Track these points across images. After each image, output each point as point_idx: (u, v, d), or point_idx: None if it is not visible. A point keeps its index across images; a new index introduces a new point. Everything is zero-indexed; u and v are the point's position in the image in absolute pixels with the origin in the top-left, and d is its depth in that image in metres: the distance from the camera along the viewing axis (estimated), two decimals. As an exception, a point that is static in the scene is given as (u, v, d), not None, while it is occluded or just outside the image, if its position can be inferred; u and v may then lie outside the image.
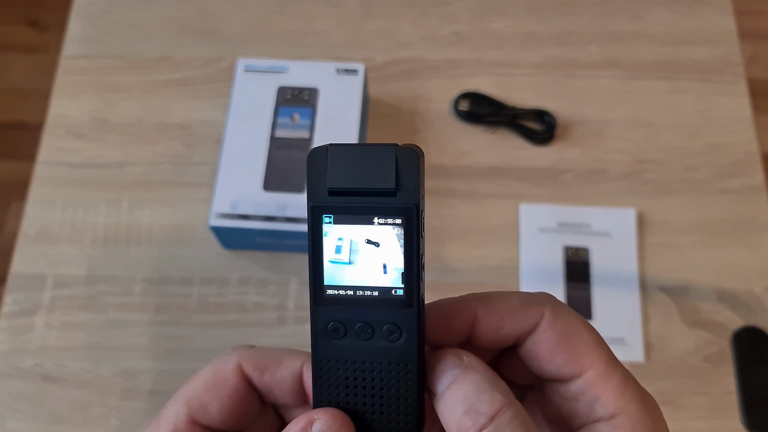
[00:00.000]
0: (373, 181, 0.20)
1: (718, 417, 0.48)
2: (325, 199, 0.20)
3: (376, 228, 0.20)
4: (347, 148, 0.20)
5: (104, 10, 0.61)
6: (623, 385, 0.20)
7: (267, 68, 0.53)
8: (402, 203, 0.20)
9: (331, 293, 0.20)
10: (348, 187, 0.20)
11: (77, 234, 0.53)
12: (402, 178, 0.20)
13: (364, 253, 0.20)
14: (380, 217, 0.20)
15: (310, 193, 0.20)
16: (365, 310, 0.20)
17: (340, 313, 0.20)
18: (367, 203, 0.20)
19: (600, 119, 0.57)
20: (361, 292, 0.20)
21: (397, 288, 0.20)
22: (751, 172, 0.55)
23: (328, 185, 0.20)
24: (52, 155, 0.56)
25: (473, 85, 0.58)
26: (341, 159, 0.20)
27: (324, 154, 0.20)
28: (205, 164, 0.55)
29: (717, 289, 0.51)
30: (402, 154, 0.20)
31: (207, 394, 0.21)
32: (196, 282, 0.51)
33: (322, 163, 0.20)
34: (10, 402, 0.48)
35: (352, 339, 0.20)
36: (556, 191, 0.54)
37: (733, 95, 0.57)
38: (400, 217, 0.20)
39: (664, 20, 0.60)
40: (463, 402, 0.19)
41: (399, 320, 0.20)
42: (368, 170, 0.20)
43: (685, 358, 0.49)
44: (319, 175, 0.20)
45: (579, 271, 0.51)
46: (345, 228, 0.20)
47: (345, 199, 0.20)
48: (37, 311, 0.51)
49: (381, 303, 0.20)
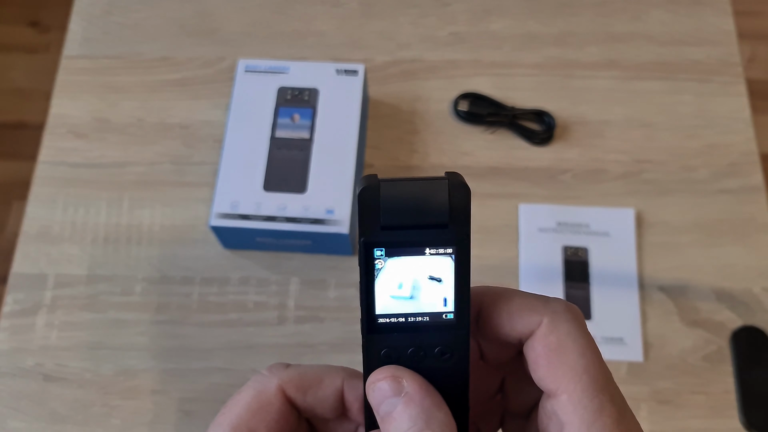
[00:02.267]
0: (427, 214, 0.20)
1: (716, 416, 0.48)
2: (379, 234, 0.20)
3: (428, 258, 0.20)
4: (399, 183, 0.20)
5: (105, 10, 0.61)
6: (594, 419, 0.19)
7: (267, 69, 0.53)
8: (454, 234, 0.20)
9: (383, 322, 0.21)
10: (402, 223, 0.20)
11: (78, 234, 0.53)
12: (453, 210, 0.20)
13: (425, 288, 0.21)
14: (433, 248, 0.20)
15: (363, 229, 0.20)
16: (417, 335, 0.21)
17: (392, 340, 0.21)
18: (421, 236, 0.20)
19: (599, 119, 0.57)
20: (412, 319, 0.21)
21: (447, 312, 0.21)
22: (749, 172, 0.55)
23: (381, 221, 0.20)
24: (53, 155, 0.56)
25: (472, 85, 0.58)
26: (394, 194, 0.20)
27: (376, 190, 0.20)
28: (205, 164, 0.55)
29: (716, 289, 0.51)
30: (453, 187, 0.20)
31: (253, 420, 0.21)
32: (196, 281, 0.51)
33: (374, 199, 0.20)
34: (11, 401, 0.48)
35: (404, 363, 0.21)
36: (555, 191, 0.54)
37: (731, 95, 0.58)
38: (452, 246, 0.20)
39: (663, 21, 0.61)
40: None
41: (450, 342, 0.21)
42: (421, 204, 0.20)
43: (684, 358, 0.49)
44: (372, 211, 0.20)
45: (578, 271, 0.51)
46: (397, 261, 0.20)
47: (398, 233, 0.20)
48: (38, 311, 0.51)
49: (432, 327, 0.21)
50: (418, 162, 0.55)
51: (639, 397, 0.48)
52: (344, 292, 0.51)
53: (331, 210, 0.48)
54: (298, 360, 0.49)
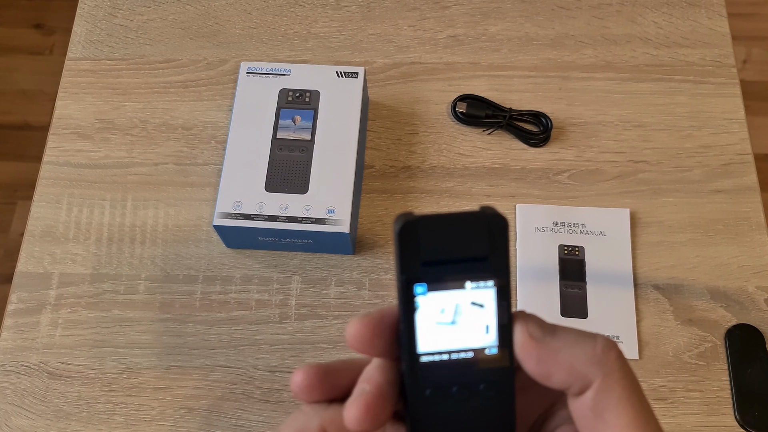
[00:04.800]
0: (467, 249, 0.20)
1: (711, 413, 0.48)
2: (420, 270, 0.20)
3: (470, 293, 0.20)
4: (438, 219, 0.20)
5: (108, 13, 0.62)
6: None
7: (269, 71, 0.54)
8: (495, 267, 0.20)
9: (426, 360, 0.21)
10: (443, 259, 0.20)
11: (82, 233, 0.54)
12: (492, 242, 0.20)
13: (467, 314, 0.20)
14: (474, 281, 0.20)
15: (404, 266, 0.20)
16: (461, 372, 0.21)
17: (436, 379, 0.21)
18: (462, 270, 0.20)
19: (595, 121, 0.58)
20: (456, 355, 0.21)
21: (491, 347, 0.21)
22: (743, 172, 0.56)
23: (422, 258, 0.20)
24: (58, 156, 0.57)
25: (471, 87, 0.59)
26: (433, 231, 0.20)
27: (415, 227, 0.20)
28: (208, 165, 0.56)
29: (710, 288, 0.52)
30: (492, 221, 0.20)
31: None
32: (199, 280, 0.52)
33: (414, 236, 0.20)
34: (16, 399, 0.49)
35: (450, 402, 0.21)
36: (551, 191, 0.55)
37: (726, 97, 0.58)
38: (493, 279, 0.20)
39: (658, 23, 0.61)
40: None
41: (495, 378, 0.21)
42: (461, 240, 0.20)
43: (679, 356, 0.50)
44: (412, 248, 0.20)
45: (574, 270, 0.51)
46: (438, 295, 0.20)
47: (438, 269, 0.20)
48: (42, 309, 0.51)
49: (476, 363, 0.21)
50: (417, 163, 0.56)
51: (635, 394, 0.49)
52: (345, 290, 0.52)
53: (332, 210, 0.49)
54: (300, 357, 0.50)
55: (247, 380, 0.49)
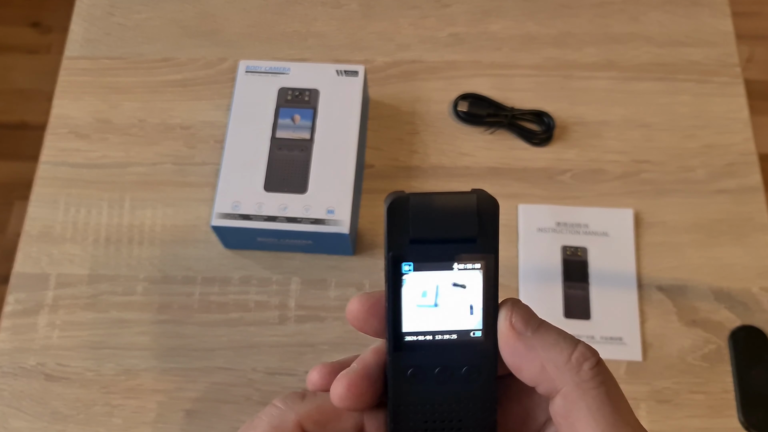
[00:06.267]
0: (456, 229, 0.20)
1: (715, 415, 0.48)
2: (408, 248, 0.20)
3: (457, 273, 0.20)
4: (428, 197, 0.20)
5: (106, 11, 0.62)
6: None
7: (268, 70, 0.53)
8: (483, 248, 0.20)
9: (410, 339, 0.20)
10: (432, 236, 0.20)
11: (80, 234, 0.53)
12: (482, 224, 0.20)
13: (449, 296, 0.20)
14: (461, 262, 0.20)
15: (391, 243, 0.20)
16: (444, 354, 0.21)
17: (419, 359, 0.21)
18: (450, 250, 0.20)
19: (598, 120, 0.57)
20: (440, 337, 0.20)
21: (475, 330, 0.21)
22: (747, 172, 0.55)
23: (411, 235, 0.20)
24: (55, 155, 0.56)
25: (472, 86, 0.58)
26: (423, 208, 0.20)
27: (405, 203, 0.20)
28: (206, 165, 0.56)
29: (714, 289, 0.52)
30: (481, 200, 0.20)
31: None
32: (198, 281, 0.52)
33: (404, 212, 0.20)
34: (13, 401, 0.48)
35: (431, 383, 0.21)
36: (554, 191, 0.55)
37: (730, 96, 0.58)
38: (480, 261, 0.20)
39: (661, 22, 0.61)
40: None
41: (478, 361, 0.21)
42: (450, 218, 0.20)
43: (683, 357, 0.49)
44: (401, 225, 0.20)
45: (577, 271, 0.51)
46: (425, 275, 0.20)
47: (426, 247, 0.20)
48: (39, 311, 0.51)
49: (459, 345, 0.21)
50: (418, 162, 0.56)
51: (638, 397, 0.48)
52: (345, 292, 0.52)
53: (331, 210, 0.49)
54: (299, 359, 0.49)
55: (246, 382, 0.49)
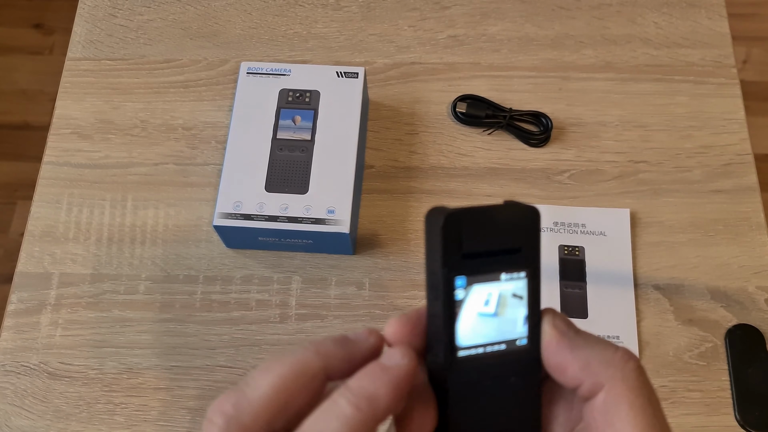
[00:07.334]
0: (505, 241, 0.21)
1: (712, 413, 0.48)
2: (461, 263, 0.20)
3: (504, 284, 0.21)
4: (477, 212, 0.21)
5: (108, 13, 0.62)
6: None
7: (269, 71, 0.54)
8: (528, 258, 0.21)
9: (463, 354, 0.21)
10: (483, 250, 0.21)
11: (82, 233, 0.54)
12: (527, 235, 0.21)
13: (504, 306, 0.21)
14: (508, 273, 0.21)
15: (446, 259, 0.20)
16: (494, 365, 0.21)
17: (472, 372, 0.21)
18: (499, 262, 0.21)
19: (595, 121, 0.58)
20: (491, 348, 0.21)
21: (521, 338, 0.21)
22: (744, 172, 0.56)
23: (464, 250, 0.20)
24: (58, 156, 0.57)
25: (471, 87, 0.59)
26: (473, 224, 0.21)
27: (458, 220, 0.20)
28: (208, 165, 0.56)
29: (711, 288, 0.52)
30: (525, 213, 0.21)
31: (295, 399, 0.20)
32: (199, 280, 0.52)
33: (455, 229, 0.20)
34: (16, 399, 0.49)
35: (483, 395, 0.21)
36: (551, 192, 0.55)
37: (726, 97, 0.58)
38: (526, 270, 0.21)
39: (658, 23, 0.61)
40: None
41: (524, 370, 0.21)
42: (499, 231, 0.21)
43: (680, 356, 0.50)
44: (454, 241, 0.20)
45: (574, 270, 0.52)
46: (481, 287, 0.21)
47: (478, 261, 0.21)
48: (42, 310, 0.51)
49: (507, 355, 0.21)
50: (417, 163, 0.56)
51: (635, 394, 0.49)
52: (345, 291, 0.52)
53: (332, 210, 0.49)
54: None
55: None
